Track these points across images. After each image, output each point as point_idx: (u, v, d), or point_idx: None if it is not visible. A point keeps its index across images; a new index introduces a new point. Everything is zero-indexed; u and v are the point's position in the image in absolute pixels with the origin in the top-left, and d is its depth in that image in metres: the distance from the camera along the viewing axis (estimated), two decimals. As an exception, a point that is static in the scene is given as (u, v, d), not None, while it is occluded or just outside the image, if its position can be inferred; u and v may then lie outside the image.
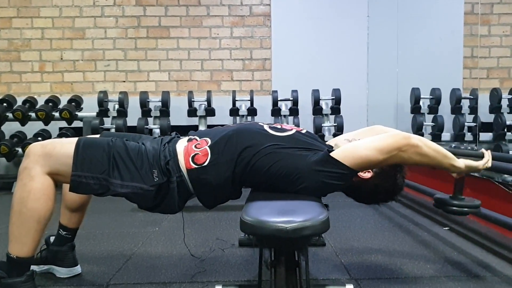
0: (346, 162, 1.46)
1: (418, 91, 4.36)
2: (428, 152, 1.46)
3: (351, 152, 1.47)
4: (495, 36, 4.74)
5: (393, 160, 1.45)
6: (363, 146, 1.46)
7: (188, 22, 4.93)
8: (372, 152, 1.44)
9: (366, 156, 1.44)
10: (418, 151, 1.44)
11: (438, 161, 1.49)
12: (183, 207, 1.64)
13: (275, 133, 1.60)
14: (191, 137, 1.64)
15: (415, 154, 1.44)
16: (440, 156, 1.49)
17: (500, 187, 2.53)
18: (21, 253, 1.51)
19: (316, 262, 2.11)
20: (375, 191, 1.60)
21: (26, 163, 1.51)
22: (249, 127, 1.63)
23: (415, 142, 1.43)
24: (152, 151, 1.56)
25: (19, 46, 4.90)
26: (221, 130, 1.66)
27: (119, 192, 1.50)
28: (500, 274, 1.91)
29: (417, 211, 3.18)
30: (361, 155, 1.45)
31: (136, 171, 1.51)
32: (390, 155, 1.43)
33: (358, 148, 1.47)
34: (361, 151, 1.45)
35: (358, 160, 1.45)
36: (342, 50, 4.86)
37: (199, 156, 1.55)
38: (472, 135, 4.21)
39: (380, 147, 1.44)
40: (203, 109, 4.42)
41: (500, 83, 4.68)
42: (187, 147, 1.58)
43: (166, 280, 1.89)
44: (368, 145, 1.46)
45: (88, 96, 4.78)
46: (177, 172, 1.54)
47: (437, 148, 1.49)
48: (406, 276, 1.91)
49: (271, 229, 1.16)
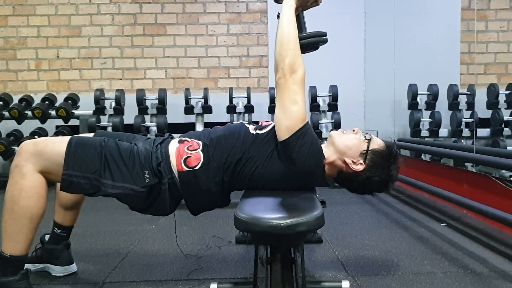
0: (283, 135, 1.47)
1: (415, 87, 4.36)
2: (282, 29, 1.52)
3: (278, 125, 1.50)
4: (492, 31, 4.72)
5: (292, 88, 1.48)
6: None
7: (184, 19, 4.91)
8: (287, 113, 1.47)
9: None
10: (278, 50, 1.51)
11: (288, 29, 1.52)
12: (175, 209, 1.62)
13: (258, 131, 1.59)
14: (182, 139, 1.63)
15: (279, 57, 1.50)
16: (286, 24, 1.53)
17: (497, 183, 2.52)
18: (15, 252, 1.50)
19: (312, 259, 2.10)
20: (368, 182, 1.58)
21: (18, 161, 1.50)
22: (235, 130, 1.61)
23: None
24: (144, 152, 1.55)
25: (15, 44, 4.88)
26: (211, 132, 1.63)
27: (110, 192, 1.49)
28: (497, 270, 1.91)
29: (414, 207, 3.17)
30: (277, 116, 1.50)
31: (128, 172, 1.49)
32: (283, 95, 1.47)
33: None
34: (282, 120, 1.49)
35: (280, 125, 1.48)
36: (339, 46, 4.82)
37: (191, 159, 1.54)
38: (469, 131, 4.21)
39: (282, 106, 1.48)
40: (200, 107, 4.40)
41: (498, 79, 4.67)
42: (179, 149, 1.57)
43: (162, 278, 1.88)
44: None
45: (84, 94, 4.76)
46: (169, 173, 1.52)
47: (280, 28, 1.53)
48: (403, 272, 1.90)
49: (265, 226, 1.15)
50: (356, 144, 1.56)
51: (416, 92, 4.35)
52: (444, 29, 4.61)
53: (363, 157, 1.54)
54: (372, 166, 1.55)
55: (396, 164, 1.59)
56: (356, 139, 1.58)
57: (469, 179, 2.90)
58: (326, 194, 3.57)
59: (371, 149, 1.55)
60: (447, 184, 3.05)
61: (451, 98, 4.31)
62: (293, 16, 1.54)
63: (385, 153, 1.57)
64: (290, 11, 1.54)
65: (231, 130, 1.61)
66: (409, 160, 4.06)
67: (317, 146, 1.50)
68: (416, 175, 3.55)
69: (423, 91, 4.38)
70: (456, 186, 2.96)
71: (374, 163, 1.55)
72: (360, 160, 1.54)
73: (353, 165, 1.55)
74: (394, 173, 1.59)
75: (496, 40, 4.74)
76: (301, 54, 1.51)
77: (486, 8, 4.71)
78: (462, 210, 2.84)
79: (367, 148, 1.55)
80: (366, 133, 1.62)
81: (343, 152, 1.56)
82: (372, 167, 1.55)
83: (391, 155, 1.58)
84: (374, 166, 1.55)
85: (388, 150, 1.58)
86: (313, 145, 1.47)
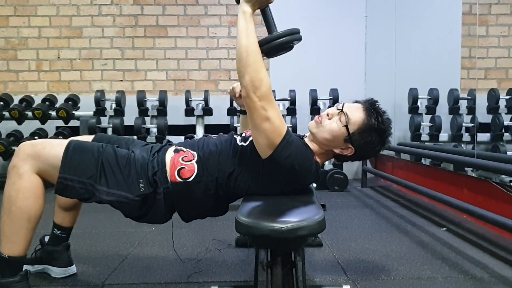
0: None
1: (416, 91, 4.36)
2: (239, 42, 1.38)
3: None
4: (493, 36, 4.74)
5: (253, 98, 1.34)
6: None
7: (185, 21, 4.92)
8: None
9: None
10: (237, 66, 1.37)
11: (247, 40, 1.36)
12: (170, 217, 1.62)
13: (242, 143, 1.56)
14: (178, 148, 1.61)
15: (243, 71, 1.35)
16: (244, 35, 1.37)
17: (497, 188, 2.52)
18: (13, 253, 1.50)
19: (313, 263, 2.10)
20: (367, 153, 1.58)
21: (15, 161, 1.50)
22: (225, 142, 1.59)
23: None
24: (141, 160, 1.53)
25: (16, 44, 4.88)
26: (205, 144, 1.61)
27: (104, 199, 1.48)
28: (497, 275, 1.91)
29: (414, 212, 3.17)
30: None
31: (123, 179, 1.48)
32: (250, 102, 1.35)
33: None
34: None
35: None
36: (340, 50, 4.86)
37: (185, 170, 1.52)
38: (469, 136, 4.21)
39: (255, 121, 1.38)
40: (200, 109, 4.40)
41: (498, 84, 4.68)
42: (173, 159, 1.55)
43: (162, 281, 1.87)
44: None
45: (85, 95, 4.76)
46: (165, 183, 1.51)
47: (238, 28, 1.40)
48: (403, 277, 1.90)
49: (266, 230, 1.15)
50: (336, 133, 1.53)
51: (417, 96, 4.35)
52: (445, 34, 4.61)
53: (349, 142, 1.53)
54: (362, 146, 1.54)
55: (382, 123, 1.53)
56: (334, 128, 1.53)
57: (469, 184, 2.89)
58: (326, 198, 3.57)
59: (352, 132, 1.51)
60: (447, 188, 3.05)
61: (451, 103, 4.32)
62: (251, 23, 1.38)
63: (366, 126, 1.51)
64: (245, 18, 1.38)
65: (222, 143, 1.59)
66: (409, 164, 4.05)
67: (303, 148, 1.48)
68: (416, 179, 3.55)
69: (423, 95, 4.39)
70: (456, 190, 2.96)
71: (363, 143, 1.53)
72: (348, 145, 1.53)
73: (343, 152, 1.55)
74: (386, 136, 1.56)
75: (497, 45, 4.75)
76: (263, 66, 1.36)
77: (487, 13, 4.72)
78: (462, 215, 2.84)
79: (348, 133, 1.51)
80: (338, 106, 1.56)
81: (328, 145, 1.56)
82: (362, 147, 1.54)
83: (373, 123, 1.51)
84: (364, 145, 1.53)
85: (370, 119, 1.51)
86: (299, 152, 1.44)
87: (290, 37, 1.42)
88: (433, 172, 3.57)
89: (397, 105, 4.59)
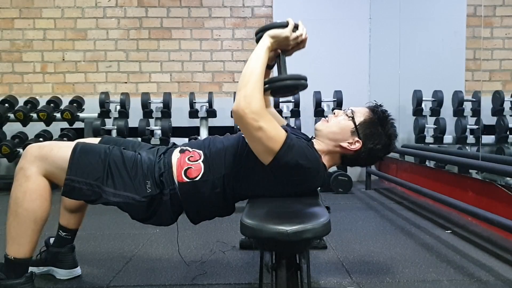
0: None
1: (420, 93, 4.35)
2: (248, 63, 1.42)
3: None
4: (497, 38, 4.72)
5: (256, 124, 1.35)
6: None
7: (190, 23, 4.93)
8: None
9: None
10: (239, 82, 1.40)
11: (254, 64, 1.41)
12: (176, 219, 1.62)
13: None
14: (183, 148, 1.62)
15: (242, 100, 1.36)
16: (254, 60, 1.43)
17: (502, 190, 2.51)
18: (19, 254, 1.50)
19: (317, 265, 2.09)
20: (373, 152, 1.56)
21: (22, 163, 1.51)
22: (233, 142, 1.59)
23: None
24: (147, 161, 1.54)
25: (21, 47, 4.91)
26: (212, 143, 1.61)
27: (111, 200, 1.48)
28: (503, 278, 1.90)
29: (419, 214, 3.16)
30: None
31: (130, 181, 1.49)
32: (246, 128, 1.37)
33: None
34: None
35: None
36: (344, 52, 4.85)
37: (192, 170, 1.53)
38: (474, 138, 4.19)
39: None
40: (204, 111, 4.41)
41: (503, 86, 4.66)
42: (180, 159, 1.56)
43: (166, 283, 1.87)
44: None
45: (89, 97, 4.78)
46: (171, 184, 1.52)
47: (248, 65, 1.43)
48: (408, 280, 1.89)
49: (271, 232, 1.15)
50: (343, 126, 1.55)
51: (421, 98, 4.34)
52: (450, 35, 4.60)
53: (356, 134, 1.54)
54: (369, 138, 1.54)
55: (389, 122, 1.57)
56: (340, 121, 1.57)
57: (474, 186, 2.88)
58: (330, 200, 3.56)
59: (358, 123, 1.54)
60: (451, 191, 3.04)
61: (456, 105, 4.30)
62: (265, 54, 1.44)
63: (373, 119, 1.55)
64: (262, 48, 1.45)
65: (230, 142, 1.60)
66: (414, 166, 4.04)
67: (307, 147, 1.47)
68: (421, 181, 3.54)
69: (428, 97, 4.37)
70: (461, 193, 2.95)
71: (369, 134, 1.54)
72: (355, 138, 1.54)
73: (351, 146, 1.54)
74: (391, 131, 1.57)
75: (502, 47, 4.73)
76: (261, 91, 1.39)
77: (491, 15, 4.71)
78: (467, 217, 2.83)
79: (355, 125, 1.54)
80: (345, 109, 1.60)
81: (335, 139, 1.56)
82: (369, 138, 1.54)
83: (380, 118, 1.56)
84: (370, 137, 1.54)
85: (375, 115, 1.56)
86: (303, 150, 1.43)
87: (295, 82, 1.47)
88: (438, 174, 3.56)
89: (402, 107, 4.58)
